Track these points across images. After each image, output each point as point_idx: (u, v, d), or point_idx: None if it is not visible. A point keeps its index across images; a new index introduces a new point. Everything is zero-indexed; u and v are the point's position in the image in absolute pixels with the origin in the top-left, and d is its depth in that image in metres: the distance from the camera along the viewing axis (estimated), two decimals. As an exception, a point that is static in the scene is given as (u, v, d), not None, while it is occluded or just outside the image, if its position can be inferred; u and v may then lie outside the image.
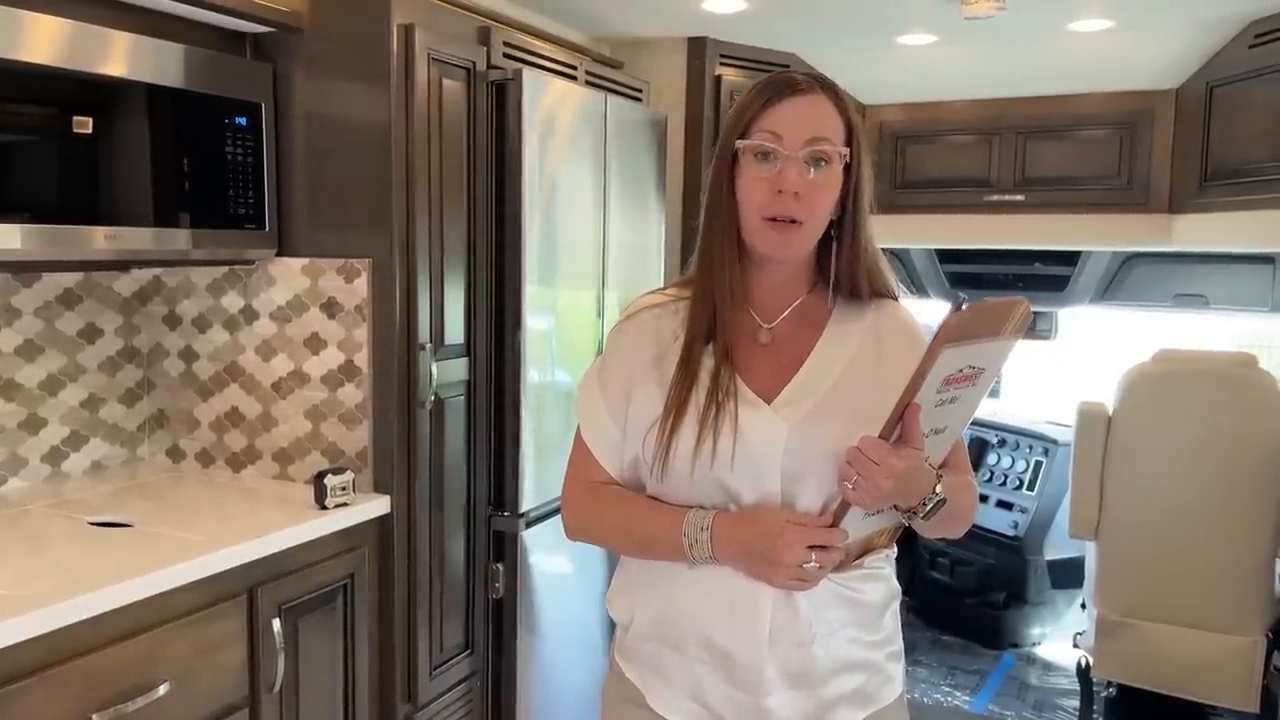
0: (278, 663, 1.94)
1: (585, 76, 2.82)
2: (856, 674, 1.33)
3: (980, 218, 3.63)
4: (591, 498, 1.40)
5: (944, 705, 3.60)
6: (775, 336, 1.34)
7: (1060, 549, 3.99)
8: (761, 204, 1.26)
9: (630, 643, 1.40)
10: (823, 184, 1.26)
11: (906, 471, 1.18)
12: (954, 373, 1.18)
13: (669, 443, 1.28)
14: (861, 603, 1.33)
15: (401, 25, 2.16)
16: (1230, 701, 3.01)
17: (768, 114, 1.26)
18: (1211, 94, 3.11)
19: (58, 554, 1.81)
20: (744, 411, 1.27)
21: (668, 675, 1.35)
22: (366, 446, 2.25)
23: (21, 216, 1.76)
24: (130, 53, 1.91)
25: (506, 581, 2.52)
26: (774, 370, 1.31)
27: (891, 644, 1.38)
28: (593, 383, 1.41)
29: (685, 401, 1.28)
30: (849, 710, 1.33)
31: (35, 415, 2.25)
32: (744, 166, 1.28)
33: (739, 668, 1.29)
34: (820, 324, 1.35)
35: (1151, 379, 3.07)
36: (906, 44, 3.20)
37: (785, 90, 1.26)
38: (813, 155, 1.25)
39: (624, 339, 1.39)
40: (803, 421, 1.27)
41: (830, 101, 1.28)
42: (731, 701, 1.31)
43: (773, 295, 1.35)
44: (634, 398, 1.34)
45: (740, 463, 1.26)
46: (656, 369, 1.33)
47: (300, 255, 2.29)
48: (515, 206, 2.40)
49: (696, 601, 1.31)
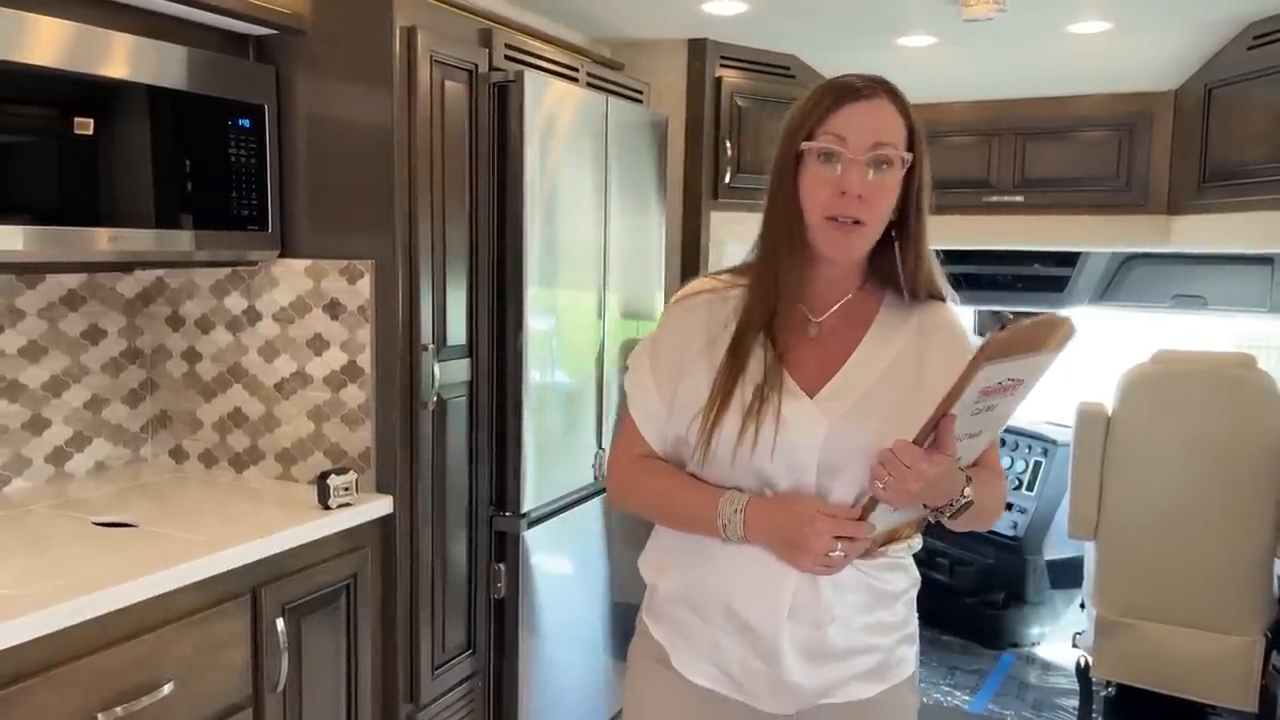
0: (281, 662, 1.94)
1: (586, 78, 2.83)
2: (870, 655, 1.39)
3: (980, 219, 3.63)
4: (636, 469, 1.45)
5: (944, 705, 3.61)
6: (823, 331, 1.38)
7: (1059, 549, 3.99)
8: (825, 204, 1.30)
9: (658, 604, 1.46)
10: (884, 186, 1.30)
11: (937, 477, 1.22)
12: (992, 385, 1.20)
13: (713, 430, 1.32)
14: (882, 590, 1.39)
15: (404, 27, 2.16)
16: (1229, 701, 3.02)
17: (833, 117, 1.29)
18: (1210, 95, 3.12)
19: (61, 554, 1.82)
20: (787, 403, 1.31)
21: (691, 639, 1.41)
22: (369, 447, 2.26)
23: (24, 218, 1.76)
24: (132, 54, 1.92)
25: (508, 581, 2.53)
26: (819, 364, 1.35)
27: (905, 628, 1.44)
28: (644, 360, 1.45)
29: (731, 391, 1.32)
30: (860, 685, 1.39)
31: (39, 416, 2.26)
32: (808, 167, 1.31)
33: (758, 639, 1.35)
34: (867, 322, 1.39)
35: (1150, 379, 3.08)
36: (906, 45, 3.21)
37: (850, 95, 1.30)
38: (875, 159, 1.29)
39: (678, 320, 1.43)
40: (843, 417, 1.31)
41: (893, 106, 1.31)
42: (749, 670, 1.37)
43: (824, 291, 1.39)
44: (682, 381, 1.38)
45: (780, 453, 1.31)
46: (707, 353, 1.37)
47: (303, 256, 2.30)
48: (517, 208, 2.41)
49: (724, 572, 1.36)
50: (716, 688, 1.41)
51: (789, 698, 1.39)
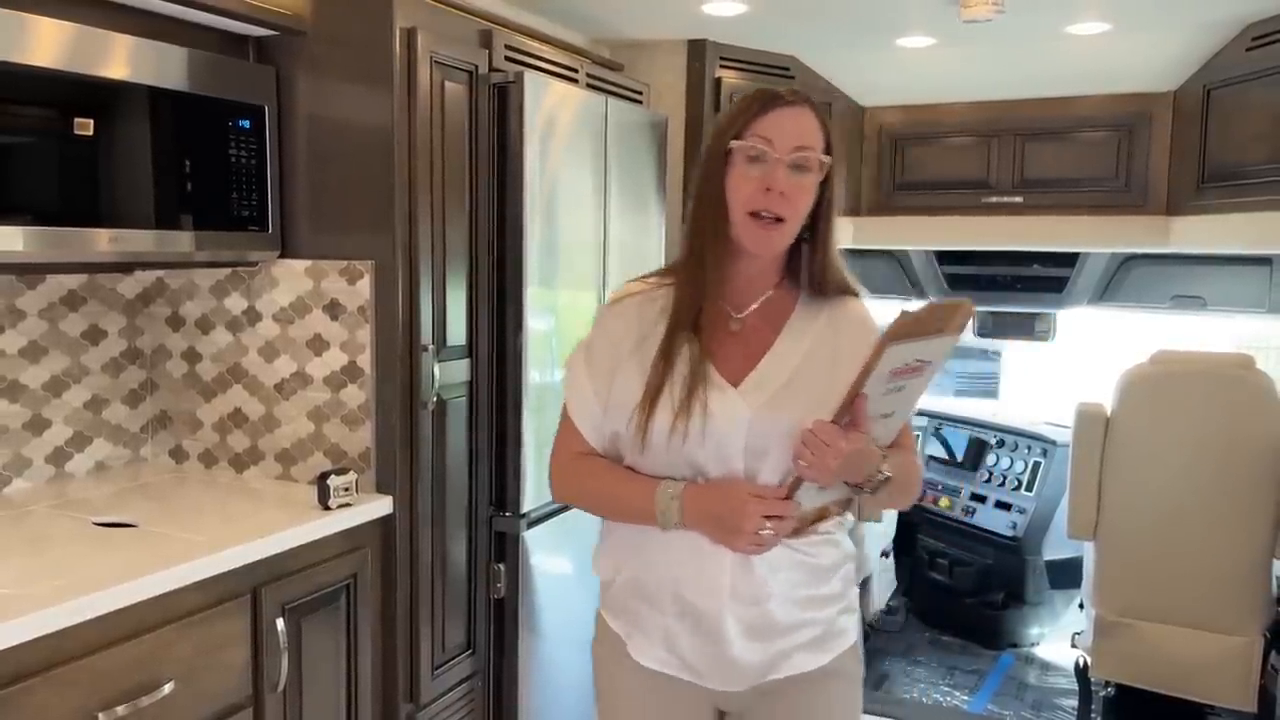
0: (281, 662, 1.94)
1: (586, 79, 2.83)
2: (810, 628, 1.50)
3: (979, 219, 3.63)
4: (577, 465, 1.56)
5: (943, 705, 3.61)
6: (745, 326, 1.49)
7: (1059, 549, 4.00)
8: (750, 200, 1.41)
9: (613, 598, 1.58)
10: (803, 187, 1.42)
11: (854, 453, 1.35)
12: (900, 366, 1.34)
13: (648, 423, 1.43)
14: (814, 566, 1.49)
15: (404, 28, 2.17)
16: (1228, 701, 3.02)
17: (760, 121, 1.41)
18: (1209, 96, 3.12)
19: (62, 554, 1.82)
20: (713, 395, 1.42)
21: (645, 628, 1.52)
22: (369, 447, 2.26)
23: (24, 219, 1.77)
24: (132, 55, 1.92)
25: (508, 581, 2.53)
26: (742, 357, 1.46)
27: (843, 600, 1.55)
28: (579, 362, 1.55)
29: (662, 386, 1.43)
30: (804, 657, 1.50)
31: (39, 416, 2.26)
32: (735, 166, 1.43)
33: (704, 620, 1.46)
34: (785, 317, 1.50)
35: (1149, 380, 3.08)
36: (906, 46, 3.21)
37: (776, 101, 1.43)
38: (797, 161, 1.41)
39: (610, 322, 1.54)
40: (764, 406, 1.42)
41: (814, 115, 1.44)
42: (699, 651, 1.48)
43: (745, 288, 1.50)
44: (616, 379, 1.49)
45: (709, 440, 1.42)
46: (638, 352, 1.47)
47: (303, 257, 2.30)
48: (516, 208, 2.41)
49: (668, 564, 1.47)
50: (671, 672, 1.51)
51: (738, 675, 1.48)
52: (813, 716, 1.52)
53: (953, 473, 4.38)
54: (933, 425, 4.54)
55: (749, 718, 1.55)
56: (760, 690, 1.51)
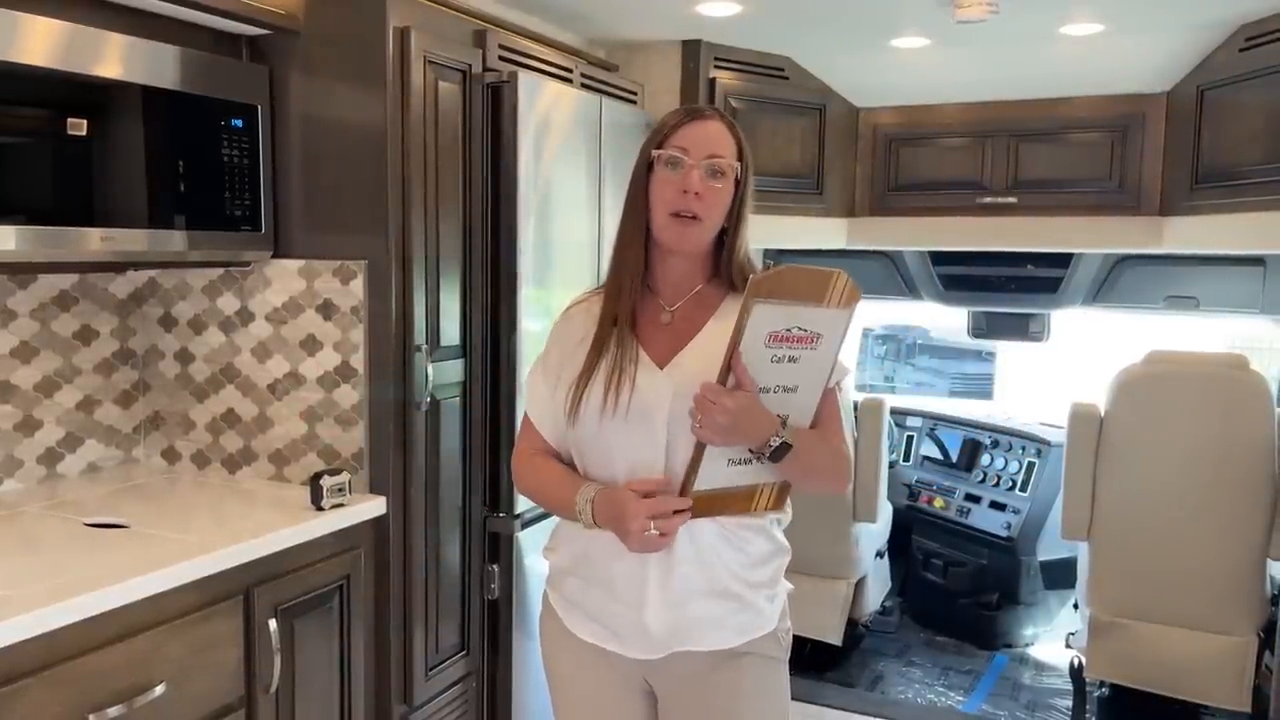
0: (274, 663, 1.94)
1: (580, 79, 2.83)
2: (725, 601, 1.59)
3: (972, 220, 3.63)
4: (533, 463, 1.72)
5: (937, 705, 3.61)
6: (676, 317, 1.64)
7: (1053, 550, 4.00)
8: (669, 201, 1.57)
9: (556, 578, 1.73)
10: (717, 190, 1.58)
11: (739, 409, 1.44)
12: (779, 330, 1.43)
13: (580, 397, 1.59)
14: (743, 548, 1.60)
15: (397, 28, 2.16)
16: (1222, 701, 3.03)
17: (678, 133, 1.59)
18: (1202, 97, 3.13)
19: (54, 555, 1.82)
20: (641, 373, 1.58)
21: (579, 602, 1.67)
22: (362, 448, 2.26)
23: (16, 218, 1.76)
24: (125, 55, 1.92)
25: (501, 582, 2.53)
26: (670, 343, 1.62)
27: (769, 588, 1.64)
28: (537, 369, 1.74)
29: (596, 365, 1.59)
30: (718, 635, 1.60)
31: (31, 417, 2.26)
32: (657, 173, 1.60)
33: (623, 585, 1.60)
34: (714, 308, 1.64)
35: (1143, 380, 3.09)
36: (899, 47, 3.21)
37: (693, 115, 1.61)
38: (711, 167, 1.57)
39: (560, 330, 1.73)
40: (684, 381, 1.54)
41: (726, 128, 1.61)
42: (620, 618, 1.61)
43: (677, 284, 1.65)
44: (564, 372, 1.65)
45: (635, 413, 1.56)
46: (580, 349, 1.64)
47: (296, 257, 2.29)
48: (510, 208, 2.41)
49: (602, 544, 1.60)
50: (599, 642, 1.65)
51: (649, 642, 1.60)
52: (729, 694, 1.62)
53: (947, 473, 4.38)
54: (927, 426, 4.54)
55: (672, 701, 1.66)
56: (678, 670, 1.62)
